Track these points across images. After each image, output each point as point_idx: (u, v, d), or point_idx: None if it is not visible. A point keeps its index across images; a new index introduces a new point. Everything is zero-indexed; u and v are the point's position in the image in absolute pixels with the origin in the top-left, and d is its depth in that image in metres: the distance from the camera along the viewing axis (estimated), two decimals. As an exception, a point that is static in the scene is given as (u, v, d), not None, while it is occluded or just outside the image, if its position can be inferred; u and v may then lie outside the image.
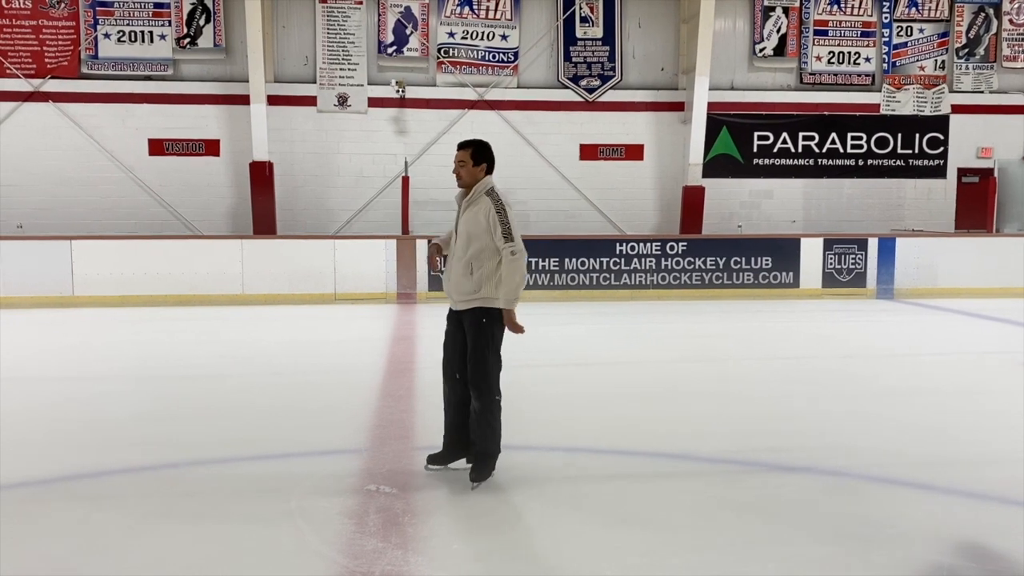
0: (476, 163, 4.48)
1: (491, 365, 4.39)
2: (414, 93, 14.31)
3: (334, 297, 12.23)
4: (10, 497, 4.27)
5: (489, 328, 4.38)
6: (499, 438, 4.47)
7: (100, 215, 13.73)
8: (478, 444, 4.43)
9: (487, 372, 4.38)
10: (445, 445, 4.64)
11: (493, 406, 4.40)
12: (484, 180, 4.46)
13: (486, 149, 4.52)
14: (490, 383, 4.38)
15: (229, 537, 3.75)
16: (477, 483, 4.35)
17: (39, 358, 8.24)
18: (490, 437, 4.41)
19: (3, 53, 13.54)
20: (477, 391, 4.38)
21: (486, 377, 4.37)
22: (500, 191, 4.45)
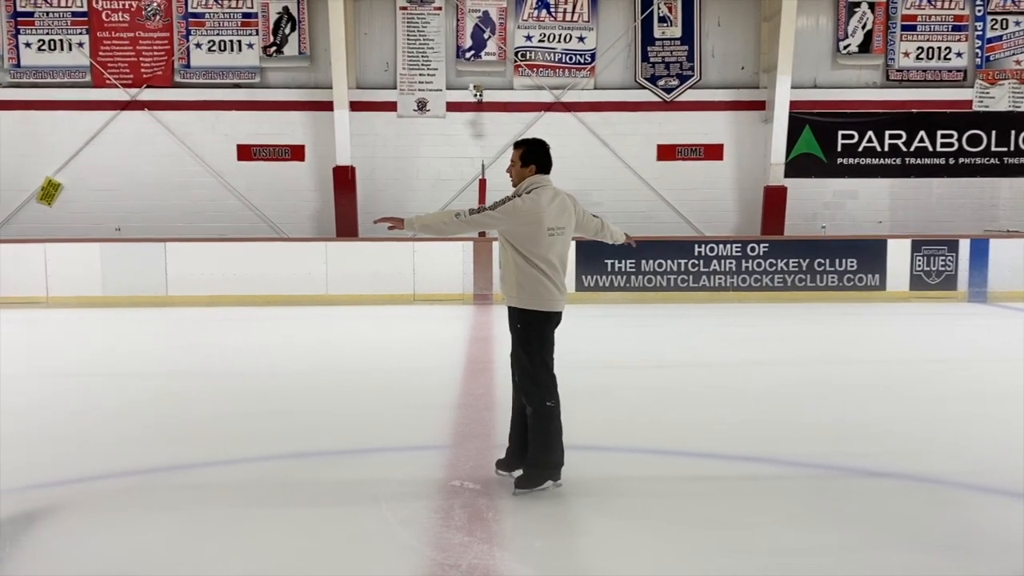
0: (525, 163, 4.43)
1: (535, 368, 4.26)
2: (491, 97, 14.45)
3: (413, 298, 12.46)
4: (115, 486, 4.52)
5: (524, 332, 4.28)
6: (554, 448, 4.24)
7: (192, 218, 14.30)
8: (530, 451, 4.30)
9: (530, 375, 4.26)
10: (507, 451, 4.56)
11: (544, 411, 4.22)
12: (529, 180, 4.36)
13: (536, 149, 4.43)
14: (537, 386, 4.25)
15: (321, 528, 3.89)
16: (520, 491, 4.19)
17: (139, 355, 8.65)
18: (540, 447, 4.23)
19: (103, 64, 14.23)
20: (526, 395, 4.30)
21: (531, 380, 4.26)
22: (537, 194, 4.27)
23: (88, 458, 4.98)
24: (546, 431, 4.24)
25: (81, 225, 14.01)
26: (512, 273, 4.27)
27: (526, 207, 4.19)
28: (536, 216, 4.19)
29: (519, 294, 4.25)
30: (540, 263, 4.21)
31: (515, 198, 4.25)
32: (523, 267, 4.22)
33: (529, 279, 4.22)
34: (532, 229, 4.20)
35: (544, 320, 4.27)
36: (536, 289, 4.22)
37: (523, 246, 4.22)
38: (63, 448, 5.19)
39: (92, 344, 9.30)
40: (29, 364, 8.11)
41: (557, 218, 4.28)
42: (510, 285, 4.29)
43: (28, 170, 14.22)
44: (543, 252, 4.21)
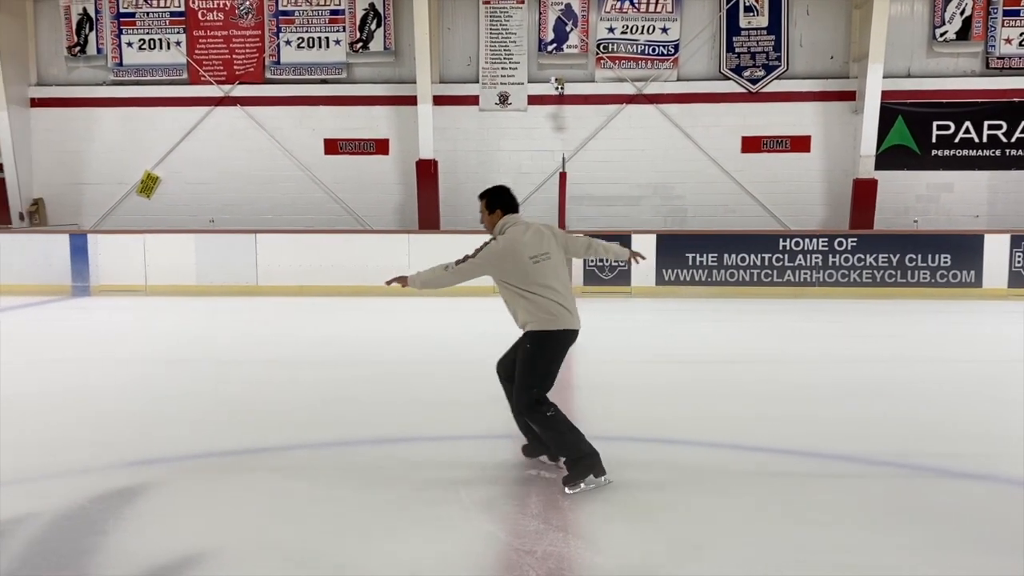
0: (491, 211, 4.58)
1: (531, 379, 4.36)
2: (572, 89, 14.44)
3: (494, 290, 12.53)
4: (210, 464, 4.75)
5: (533, 350, 4.38)
6: (577, 441, 4.30)
7: (281, 210, 14.77)
8: (557, 454, 4.46)
9: (527, 388, 4.36)
10: (527, 440, 4.75)
11: (547, 421, 4.31)
12: (500, 222, 4.52)
13: (498, 194, 4.59)
14: (534, 402, 4.34)
15: (402, 510, 4.01)
16: (570, 489, 4.21)
17: (230, 342, 9.01)
18: (563, 446, 4.32)
19: (199, 62, 14.82)
20: (526, 411, 4.38)
21: (526, 393, 4.36)
22: (511, 234, 4.41)
23: (183, 438, 5.23)
24: (560, 431, 4.34)
25: (177, 217, 14.65)
26: (520, 307, 4.43)
27: (500, 247, 4.37)
28: (513, 251, 4.35)
29: (532, 320, 4.39)
30: (538, 289, 4.35)
31: (492, 242, 4.43)
32: (527, 297, 4.37)
33: (536, 306, 4.36)
34: (515, 264, 4.35)
35: (550, 338, 4.38)
36: (547, 311, 4.36)
37: (516, 281, 4.37)
38: (161, 429, 5.46)
39: (187, 331, 9.73)
40: (129, 349, 8.55)
41: (536, 247, 4.41)
42: (523, 318, 4.45)
43: (129, 164, 14.94)
44: (536, 279, 4.35)
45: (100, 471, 4.56)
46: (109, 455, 4.85)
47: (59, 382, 6.90)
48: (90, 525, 3.77)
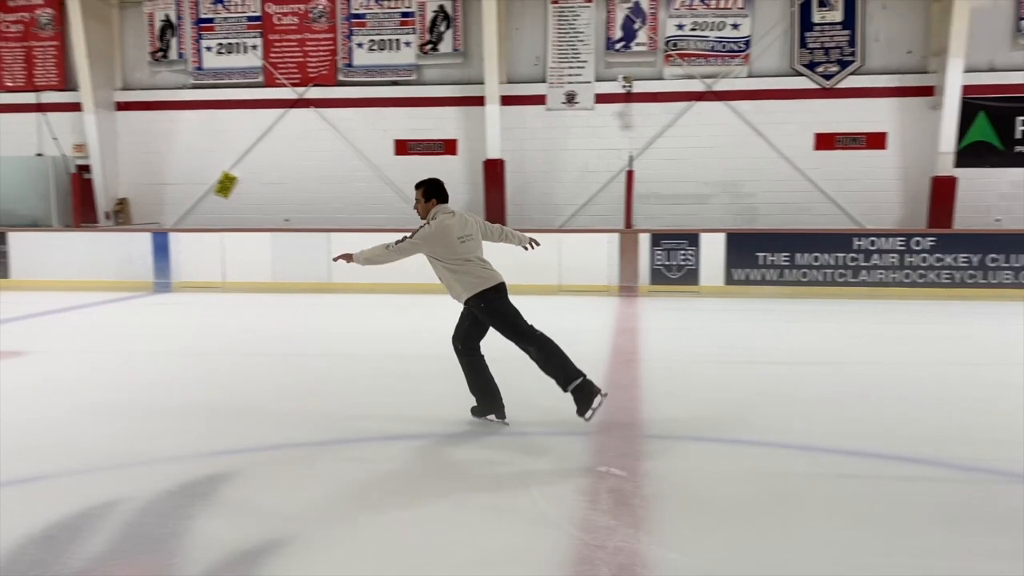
0: (427, 199, 5.40)
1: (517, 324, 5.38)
2: (640, 87, 14.36)
3: (558, 288, 12.61)
4: (288, 455, 4.92)
5: (488, 307, 5.32)
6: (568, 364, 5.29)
7: (353, 210, 15.08)
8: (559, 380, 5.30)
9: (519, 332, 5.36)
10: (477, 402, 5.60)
11: (546, 347, 5.30)
12: (433, 210, 5.35)
13: (433, 186, 5.43)
14: (527, 334, 5.36)
15: (473, 503, 4.09)
16: (588, 415, 5.17)
17: (305, 337, 9.25)
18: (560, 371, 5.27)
19: (274, 65, 15.23)
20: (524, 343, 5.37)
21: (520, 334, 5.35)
22: (441, 218, 5.27)
23: (263, 429, 5.42)
24: (562, 364, 5.30)
25: (253, 216, 15.09)
26: (451, 279, 5.31)
27: (434, 230, 5.24)
28: (444, 232, 5.23)
29: (466, 289, 5.29)
30: (464, 263, 5.29)
31: (424, 227, 5.28)
32: (457, 270, 5.28)
33: (465, 276, 5.28)
34: (446, 244, 5.23)
35: (493, 294, 5.32)
36: (475, 278, 5.29)
37: (446, 257, 5.27)
38: (242, 419, 5.67)
39: (264, 326, 10.03)
40: (209, 344, 8.86)
41: (462, 229, 5.32)
42: (455, 289, 5.33)
43: (207, 165, 15.45)
44: (462, 254, 5.28)
45: (186, 459, 4.76)
46: (195, 444, 5.07)
47: (146, 374, 7.20)
48: (177, 510, 3.95)
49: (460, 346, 5.50)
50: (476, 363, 5.49)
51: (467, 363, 5.50)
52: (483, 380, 5.48)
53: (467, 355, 5.49)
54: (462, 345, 5.49)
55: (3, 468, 4.60)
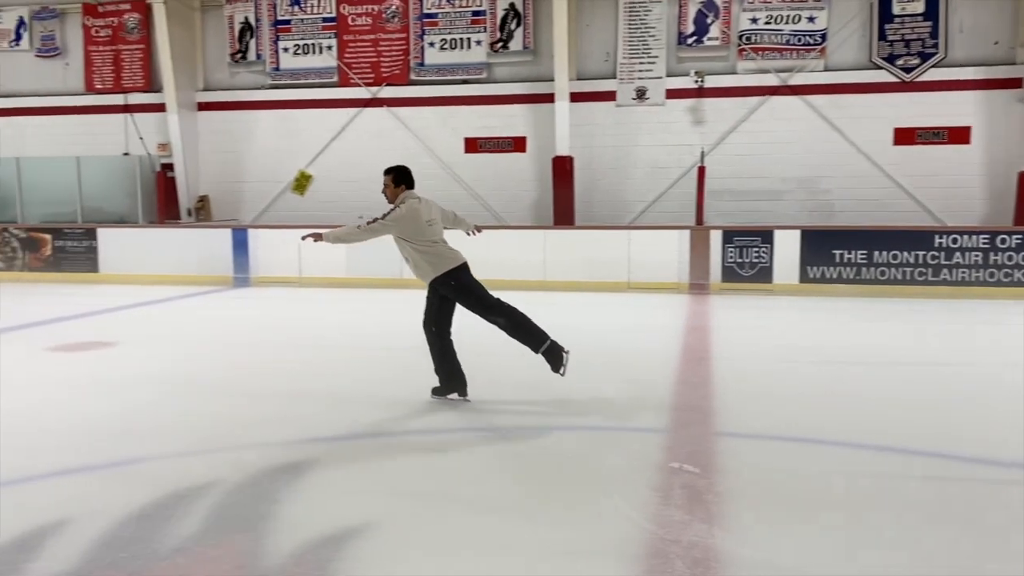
0: (396, 185, 5.84)
1: (485, 299, 5.82)
2: (712, 82, 14.19)
3: (627, 286, 12.57)
4: (367, 444, 5.08)
5: (458, 285, 5.75)
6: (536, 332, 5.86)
7: (422, 207, 15.27)
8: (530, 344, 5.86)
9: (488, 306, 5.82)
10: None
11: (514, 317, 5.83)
12: (401, 195, 5.80)
13: (402, 172, 5.89)
14: (498, 308, 5.82)
15: (547, 495, 4.14)
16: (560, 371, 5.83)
17: (379, 330, 9.46)
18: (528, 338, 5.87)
19: (348, 65, 15.55)
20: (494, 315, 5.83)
21: (490, 308, 5.82)
22: (410, 203, 5.73)
23: (342, 419, 5.59)
24: (530, 329, 5.86)
25: (328, 213, 15.43)
26: (420, 260, 5.72)
27: (404, 212, 5.68)
28: (414, 216, 5.68)
29: (434, 268, 5.72)
30: (430, 244, 5.72)
31: (395, 209, 5.71)
32: (424, 251, 5.70)
33: (432, 255, 5.72)
34: (415, 225, 5.67)
35: (461, 271, 5.77)
36: (442, 257, 5.74)
37: (415, 239, 5.69)
38: (323, 409, 5.85)
39: (339, 320, 10.29)
40: (288, 334, 9.13)
41: (428, 213, 5.78)
42: (424, 269, 5.74)
43: (284, 163, 15.86)
44: (429, 236, 5.73)
45: (271, 446, 4.94)
46: (278, 431, 5.26)
47: (229, 364, 7.48)
48: (264, 494, 4.11)
49: (434, 329, 5.88)
50: (447, 346, 5.90)
51: (439, 346, 5.89)
52: (451, 362, 5.90)
53: (440, 338, 5.88)
54: (435, 328, 5.87)
55: (102, 452, 4.86)
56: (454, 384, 5.95)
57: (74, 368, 7.34)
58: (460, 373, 5.94)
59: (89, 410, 5.81)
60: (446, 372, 5.93)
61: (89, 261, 14.28)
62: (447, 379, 5.95)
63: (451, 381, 5.95)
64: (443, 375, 5.96)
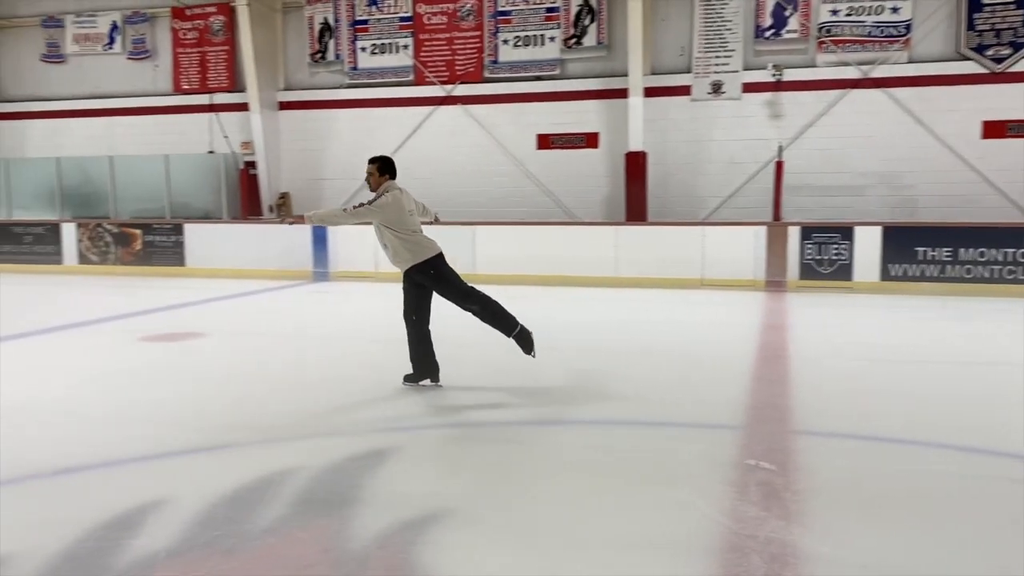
0: (381, 174, 6.05)
1: (462, 288, 6.10)
2: (791, 76, 13.92)
3: (701, 282, 12.46)
4: (444, 434, 5.21)
5: (436, 274, 6.04)
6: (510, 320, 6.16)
7: (496, 204, 15.43)
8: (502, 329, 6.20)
9: (465, 294, 6.10)
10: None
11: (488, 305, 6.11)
12: (384, 185, 6.02)
13: (387, 163, 6.10)
14: (473, 296, 6.10)
15: (621, 488, 4.18)
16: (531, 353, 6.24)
17: (453, 325, 9.58)
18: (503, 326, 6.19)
19: (424, 64, 15.79)
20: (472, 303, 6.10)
21: (467, 297, 6.09)
22: (394, 192, 5.96)
23: (420, 409, 5.73)
24: (501, 316, 6.15)
25: (402, 209, 15.69)
26: (400, 247, 5.97)
27: (390, 201, 5.92)
28: (398, 204, 5.93)
29: (414, 256, 5.99)
30: (411, 233, 5.99)
31: (380, 197, 5.94)
32: (404, 240, 5.96)
33: (413, 244, 5.98)
34: (398, 215, 5.92)
35: (439, 260, 6.06)
36: (422, 246, 6.02)
37: (397, 227, 5.93)
38: (400, 400, 6.01)
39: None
40: (367, 327, 9.37)
41: (409, 204, 6.05)
42: (404, 256, 6.00)
43: (361, 161, 16.03)
44: (410, 225, 5.99)
45: (353, 434, 5.12)
46: (359, 420, 5.44)
47: (313, 355, 7.73)
48: (348, 478, 4.27)
49: (414, 318, 6.15)
50: (425, 335, 6.18)
51: (418, 334, 6.16)
52: (426, 349, 6.19)
53: (419, 326, 6.16)
54: (415, 317, 6.15)
55: (194, 438, 5.10)
56: (427, 371, 6.23)
57: (166, 357, 7.69)
58: (434, 361, 6.24)
59: (178, 397, 6.10)
60: (421, 359, 6.20)
61: (176, 255, 14.88)
62: (421, 366, 6.22)
63: (425, 368, 6.23)
64: (417, 362, 6.22)
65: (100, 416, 5.61)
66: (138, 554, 3.43)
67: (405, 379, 6.28)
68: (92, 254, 15.34)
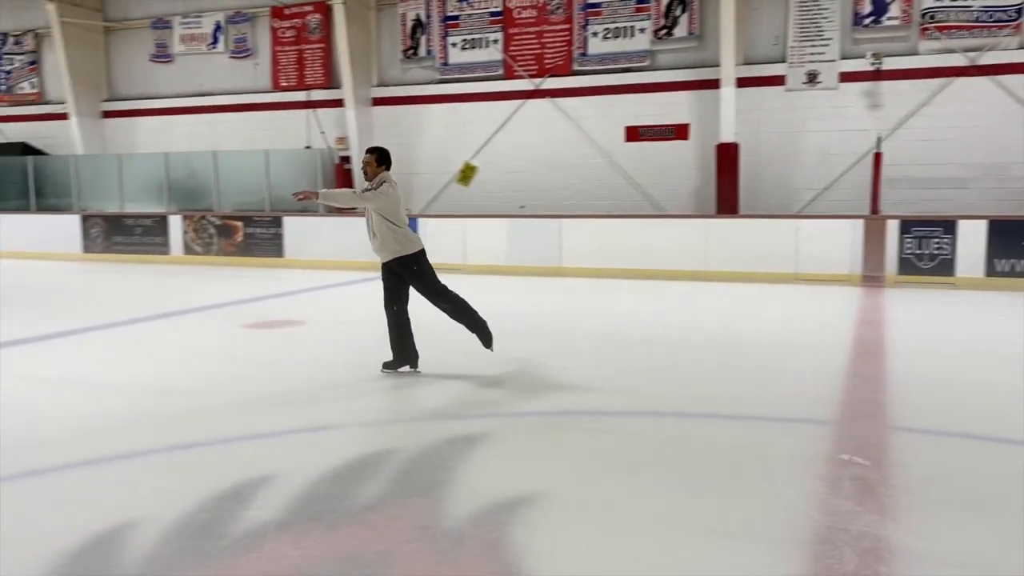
0: (379, 164, 6.31)
1: (438, 286, 6.38)
2: (891, 64, 13.45)
3: (794, 277, 12.20)
4: (536, 422, 5.31)
5: (419, 268, 6.30)
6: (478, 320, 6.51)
7: (583, 197, 15.46)
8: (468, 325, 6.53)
9: (440, 293, 6.37)
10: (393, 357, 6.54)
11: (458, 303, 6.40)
12: (383, 175, 6.28)
13: (385, 154, 6.39)
14: (446, 295, 6.40)
15: (711, 479, 4.21)
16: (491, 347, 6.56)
17: (537, 316, 9.71)
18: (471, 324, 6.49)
19: (513, 58, 15.92)
20: (441, 300, 6.40)
21: (441, 296, 6.38)
22: (395, 184, 6.27)
23: (511, 397, 5.86)
24: (469, 313, 6.47)
25: (491, 202, 15.91)
26: (389, 237, 6.22)
27: (393, 191, 6.23)
28: (397, 196, 6.26)
29: (402, 248, 6.25)
30: (403, 225, 6.29)
31: (383, 185, 6.20)
32: (395, 230, 6.22)
33: (402, 236, 6.25)
34: (396, 205, 6.23)
35: (422, 256, 6.35)
36: (409, 239, 6.30)
37: (392, 216, 6.20)
38: (493, 388, 6.15)
39: (499, 304, 10.63)
40: (450, 320, 9.53)
41: (402, 197, 6.36)
42: (391, 247, 6.24)
43: (451, 155, 16.47)
44: (402, 218, 6.29)
45: (448, 418, 5.29)
46: (454, 406, 5.61)
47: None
48: (442, 462, 4.43)
49: (396, 308, 6.39)
50: (405, 324, 6.44)
51: (398, 323, 6.40)
52: (407, 338, 6.44)
53: (400, 316, 6.41)
54: (397, 307, 6.40)
55: (297, 418, 5.36)
56: (407, 358, 6.47)
57: (269, 344, 8.05)
58: (413, 348, 6.49)
59: (281, 380, 6.40)
60: (400, 347, 6.44)
61: (275, 247, 15.46)
62: (401, 354, 6.46)
63: (404, 356, 6.47)
64: (397, 350, 6.46)
65: (211, 397, 5.95)
66: (248, 525, 3.66)
67: (384, 366, 6.51)
68: (196, 245, 16.09)
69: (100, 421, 5.33)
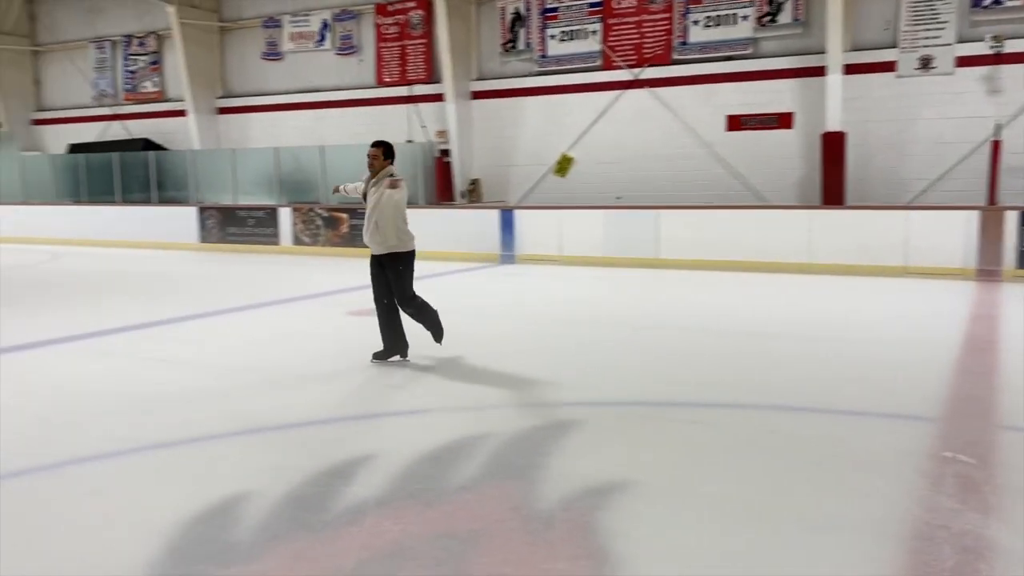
0: (386, 157, 6.47)
1: (408, 286, 6.50)
2: (1013, 47, 12.74)
3: (904, 270, 11.74)
4: (629, 411, 5.37)
5: (407, 268, 6.48)
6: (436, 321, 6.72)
7: (681, 187, 15.27)
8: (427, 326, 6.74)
9: (409, 297, 6.53)
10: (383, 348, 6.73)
11: (422, 308, 6.62)
12: (389, 168, 6.47)
13: (391, 149, 6.53)
14: (411, 297, 6.53)
15: (805, 472, 4.17)
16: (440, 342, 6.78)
17: (632, 307, 9.70)
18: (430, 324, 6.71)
19: (612, 48, 15.86)
20: (406, 305, 6.55)
21: (406, 295, 6.50)
22: (395, 173, 6.46)
23: (604, 386, 5.93)
24: (429, 315, 6.67)
25: (587, 194, 15.91)
26: (391, 230, 6.37)
27: (406, 186, 6.43)
28: (406, 192, 6.46)
29: (400, 243, 6.43)
30: (405, 222, 6.48)
31: (400, 182, 6.35)
32: (399, 226, 6.40)
33: (403, 232, 6.45)
34: (404, 200, 6.43)
35: (413, 257, 6.56)
36: (409, 237, 6.50)
37: (400, 210, 6.40)
38: (586, 377, 6.23)
39: (594, 296, 10.68)
40: (554, 308, 9.66)
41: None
42: (391, 240, 6.38)
43: (548, 147, 16.55)
44: (405, 214, 6.49)
45: (541, 406, 5.41)
46: (548, 393, 5.72)
47: (497, 332, 8.12)
48: (535, 447, 4.54)
49: (386, 301, 6.56)
50: (395, 315, 6.61)
51: (388, 314, 6.60)
52: (397, 328, 6.62)
53: (390, 309, 6.59)
54: (387, 300, 6.56)
55: (396, 401, 5.58)
56: (397, 348, 6.66)
57: (373, 330, 8.33)
58: (404, 339, 6.67)
59: (383, 366, 6.64)
60: (391, 336, 6.62)
61: (377, 238, 15.89)
62: (392, 344, 6.64)
63: (396, 346, 6.65)
64: (389, 339, 6.63)
65: (320, 380, 6.24)
66: (351, 500, 3.86)
67: (374, 356, 6.65)
68: (305, 236, 16.73)
69: (218, 400, 5.68)
